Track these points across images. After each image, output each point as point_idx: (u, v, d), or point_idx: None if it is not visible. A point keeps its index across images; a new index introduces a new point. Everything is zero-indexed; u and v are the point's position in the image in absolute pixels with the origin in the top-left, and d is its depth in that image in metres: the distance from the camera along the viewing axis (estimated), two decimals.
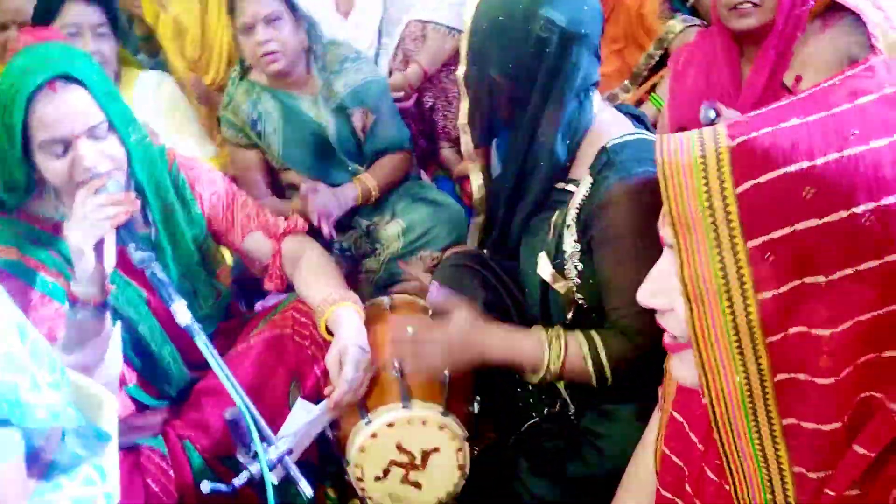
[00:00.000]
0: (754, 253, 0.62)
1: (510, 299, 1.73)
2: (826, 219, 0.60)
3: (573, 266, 1.44)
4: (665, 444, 1.01)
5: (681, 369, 0.83)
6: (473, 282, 1.72)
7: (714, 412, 0.70)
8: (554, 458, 1.54)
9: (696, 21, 2.42)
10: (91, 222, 1.34)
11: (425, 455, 1.49)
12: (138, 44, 3.19)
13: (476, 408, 1.58)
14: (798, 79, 1.43)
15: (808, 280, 0.62)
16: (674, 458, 0.99)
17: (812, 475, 0.68)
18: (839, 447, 0.67)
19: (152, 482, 1.47)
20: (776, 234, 0.62)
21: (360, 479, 1.50)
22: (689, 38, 2.29)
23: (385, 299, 1.78)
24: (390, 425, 1.45)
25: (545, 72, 1.34)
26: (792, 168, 0.61)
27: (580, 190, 1.41)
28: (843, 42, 1.30)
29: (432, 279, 1.79)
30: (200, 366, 1.69)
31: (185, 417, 1.60)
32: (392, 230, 2.25)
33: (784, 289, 0.62)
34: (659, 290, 0.78)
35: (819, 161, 0.60)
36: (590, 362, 1.38)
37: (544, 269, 1.48)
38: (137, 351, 1.63)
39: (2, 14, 2.30)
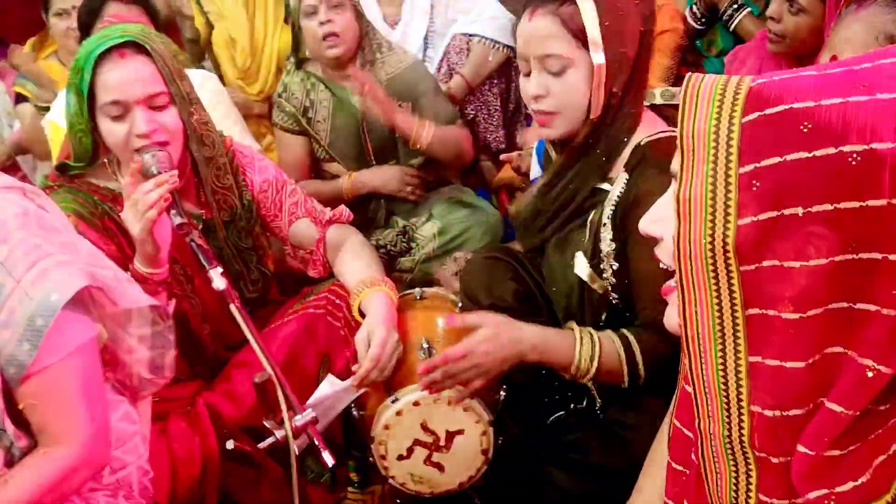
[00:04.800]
0: (743, 179, 0.65)
1: (540, 294, 1.73)
2: (815, 152, 0.62)
3: (609, 265, 1.45)
4: (676, 417, 1.01)
5: (672, 314, 0.84)
6: (505, 273, 1.73)
7: (687, 339, 0.72)
8: (578, 449, 1.52)
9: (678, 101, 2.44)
10: (140, 208, 1.40)
11: (449, 436, 1.49)
12: (186, 46, 3.30)
13: (502, 396, 1.57)
14: (833, 59, 1.45)
15: (786, 212, 0.64)
16: (683, 429, 0.99)
17: (767, 413, 0.69)
18: (799, 391, 0.67)
19: (177, 447, 1.49)
20: (766, 163, 0.64)
21: (383, 458, 1.50)
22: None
23: (416, 291, 1.80)
24: (416, 404, 1.46)
25: (639, 61, 1.39)
26: (797, 105, 0.63)
27: (615, 188, 1.42)
28: (880, 21, 1.32)
29: (463, 270, 1.81)
30: (235, 346, 1.74)
31: (215, 389, 1.63)
32: (428, 230, 2.28)
33: (762, 216, 0.64)
34: (658, 218, 0.83)
35: (823, 102, 0.63)
36: (624, 364, 1.38)
37: (582, 268, 1.49)
38: (177, 326, 1.67)
39: (61, 1, 2.47)
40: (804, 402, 0.68)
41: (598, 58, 1.35)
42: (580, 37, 1.34)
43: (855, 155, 0.61)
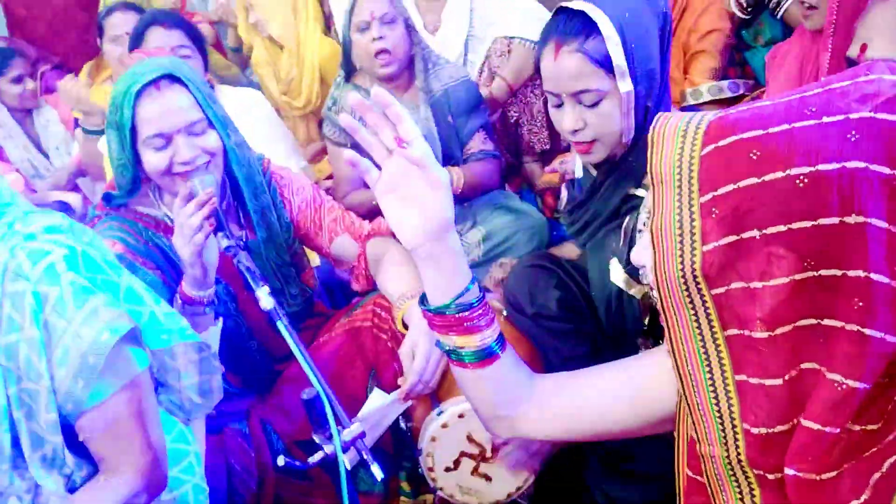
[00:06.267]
0: (704, 207, 0.69)
1: (584, 300, 1.72)
2: (764, 178, 0.65)
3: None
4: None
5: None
6: (548, 281, 1.72)
7: (677, 364, 0.75)
8: (629, 458, 1.51)
9: (727, 94, 2.45)
10: (186, 232, 1.45)
11: (495, 447, 1.49)
12: (229, 54, 3.39)
13: None
14: (864, 48, 1.40)
15: (745, 235, 0.67)
16: None
17: (754, 431, 0.71)
18: (780, 408, 0.70)
19: (235, 462, 1.54)
20: (722, 191, 0.68)
21: (430, 470, 1.52)
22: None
23: None
24: (461, 416, 1.47)
25: (663, 61, 1.36)
26: (747, 134, 0.67)
27: (650, 193, 1.41)
28: None
29: (507, 279, 1.81)
30: (285, 359, 1.78)
31: (268, 403, 1.68)
32: (473, 237, 2.28)
33: (723, 241, 0.68)
34: (644, 248, 0.84)
35: (771, 130, 0.66)
36: None
37: (617, 275, 1.48)
38: (225, 343, 1.73)
39: (115, 28, 2.58)
40: (786, 418, 0.70)
41: (626, 86, 1.34)
42: (609, 67, 1.33)
43: (802, 177, 0.63)
